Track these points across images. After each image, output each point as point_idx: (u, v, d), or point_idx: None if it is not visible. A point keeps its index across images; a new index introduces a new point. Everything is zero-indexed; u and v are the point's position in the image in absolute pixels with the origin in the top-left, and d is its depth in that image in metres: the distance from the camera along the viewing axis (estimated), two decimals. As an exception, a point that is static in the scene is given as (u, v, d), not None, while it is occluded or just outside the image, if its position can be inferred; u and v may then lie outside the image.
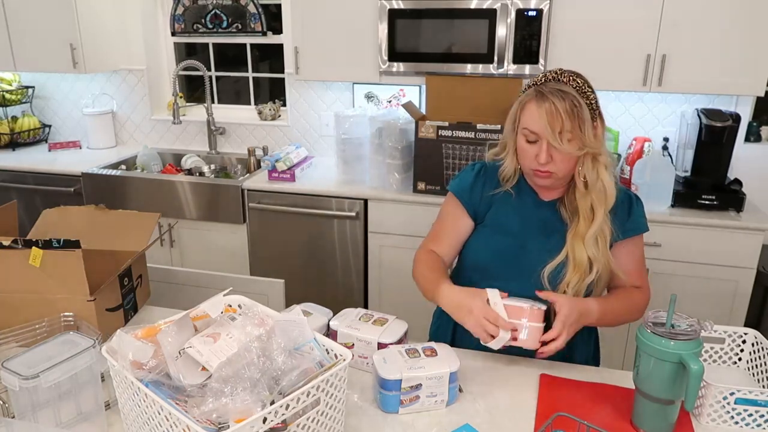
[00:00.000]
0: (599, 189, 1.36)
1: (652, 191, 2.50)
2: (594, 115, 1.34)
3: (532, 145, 1.35)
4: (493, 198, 1.48)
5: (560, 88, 1.31)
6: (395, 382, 1.20)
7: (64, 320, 1.35)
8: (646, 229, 1.47)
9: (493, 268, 1.46)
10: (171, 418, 0.92)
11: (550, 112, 1.29)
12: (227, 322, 1.09)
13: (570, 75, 1.35)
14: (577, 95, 1.31)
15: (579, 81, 1.35)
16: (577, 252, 1.37)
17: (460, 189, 1.52)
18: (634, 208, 1.45)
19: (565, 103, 1.29)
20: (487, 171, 1.51)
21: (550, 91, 1.31)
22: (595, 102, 1.36)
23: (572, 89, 1.32)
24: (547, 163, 1.33)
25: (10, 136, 3.52)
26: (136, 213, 1.69)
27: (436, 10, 2.60)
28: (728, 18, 2.37)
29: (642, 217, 1.47)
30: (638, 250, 1.49)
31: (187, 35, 3.49)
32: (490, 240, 1.48)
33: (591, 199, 1.37)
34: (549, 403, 1.25)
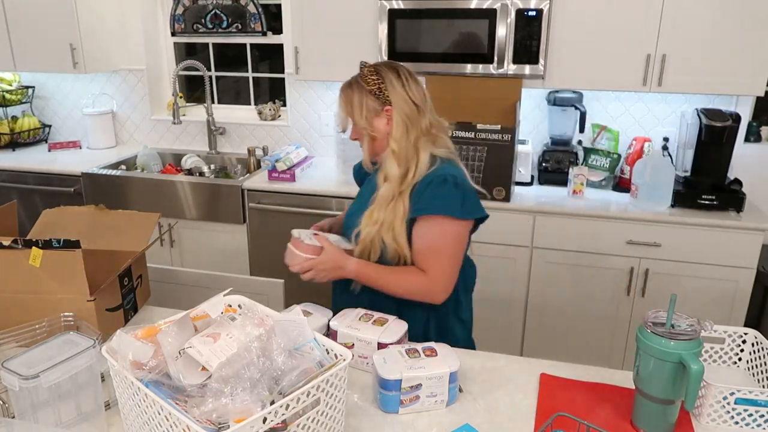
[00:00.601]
0: (385, 167, 1.53)
1: (652, 191, 2.50)
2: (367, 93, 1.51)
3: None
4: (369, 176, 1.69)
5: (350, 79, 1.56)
6: (395, 382, 1.20)
7: (64, 320, 1.35)
8: (435, 212, 1.47)
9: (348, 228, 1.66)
10: (171, 418, 0.92)
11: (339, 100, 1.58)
12: (227, 322, 1.09)
13: (366, 67, 1.54)
14: (354, 80, 1.54)
15: (365, 71, 1.54)
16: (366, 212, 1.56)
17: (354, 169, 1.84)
18: (429, 190, 1.47)
19: (344, 87, 1.56)
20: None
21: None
22: (377, 87, 1.51)
23: (357, 77, 1.54)
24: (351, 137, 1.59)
25: (10, 136, 3.52)
26: (136, 213, 1.69)
27: (436, 10, 2.60)
28: (728, 18, 2.37)
29: (433, 199, 1.46)
30: (429, 234, 1.49)
31: (187, 35, 3.49)
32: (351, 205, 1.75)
33: (384, 173, 1.53)
34: (549, 403, 1.26)
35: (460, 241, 1.52)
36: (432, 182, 1.47)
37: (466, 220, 1.51)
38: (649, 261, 2.49)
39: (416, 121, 1.51)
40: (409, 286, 1.51)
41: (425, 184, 1.48)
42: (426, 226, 1.48)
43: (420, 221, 1.49)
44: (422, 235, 1.49)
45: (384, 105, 1.51)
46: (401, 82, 1.51)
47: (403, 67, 1.55)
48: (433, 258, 1.49)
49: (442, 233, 1.48)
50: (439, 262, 1.50)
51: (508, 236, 2.59)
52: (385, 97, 1.50)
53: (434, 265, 1.49)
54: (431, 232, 1.49)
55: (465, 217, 1.49)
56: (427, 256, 1.50)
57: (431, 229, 1.48)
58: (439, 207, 1.46)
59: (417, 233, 1.49)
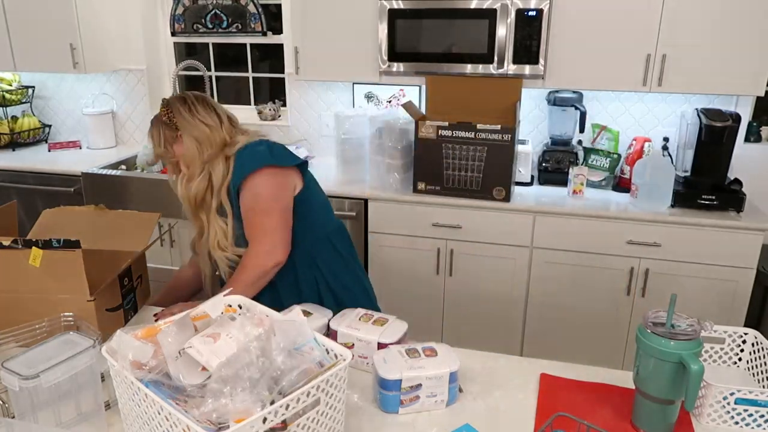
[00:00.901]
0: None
1: (652, 191, 2.50)
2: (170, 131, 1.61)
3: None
4: None
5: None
6: (395, 382, 1.20)
7: (64, 320, 1.35)
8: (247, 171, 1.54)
9: None
10: (171, 418, 0.92)
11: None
12: (227, 322, 1.09)
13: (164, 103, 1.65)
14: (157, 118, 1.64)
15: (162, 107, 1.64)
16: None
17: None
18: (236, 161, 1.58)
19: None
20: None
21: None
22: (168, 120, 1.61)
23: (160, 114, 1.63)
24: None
25: (10, 136, 3.52)
26: (136, 213, 1.69)
27: (436, 10, 2.60)
28: (728, 18, 2.37)
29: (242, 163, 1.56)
30: (245, 199, 1.57)
31: (187, 35, 3.49)
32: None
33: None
34: (549, 403, 1.26)
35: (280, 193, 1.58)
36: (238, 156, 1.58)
37: (281, 168, 1.58)
38: (649, 261, 2.49)
39: (209, 139, 1.59)
40: (248, 273, 1.54)
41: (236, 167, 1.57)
42: (244, 192, 1.56)
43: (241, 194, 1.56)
44: (243, 205, 1.57)
45: (176, 131, 1.61)
46: (188, 108, 1.61)
47: (191, 95, 1.65)
48: (253, 226, 1.58)
49: (256, 193, 1.56)
50: (260, 226, 1.57)
51: (507, 236, 2.59)
52: (174, 124, 1.61)
53: (257, 232, 1.57)
54: (246, 197, 1.56)
55: (277, 163, 1.57)
56: (248, 226, 1.58)
57: (246, 193, 1.56)
58: (249, 165, 1.55)
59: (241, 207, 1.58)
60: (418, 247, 2.71)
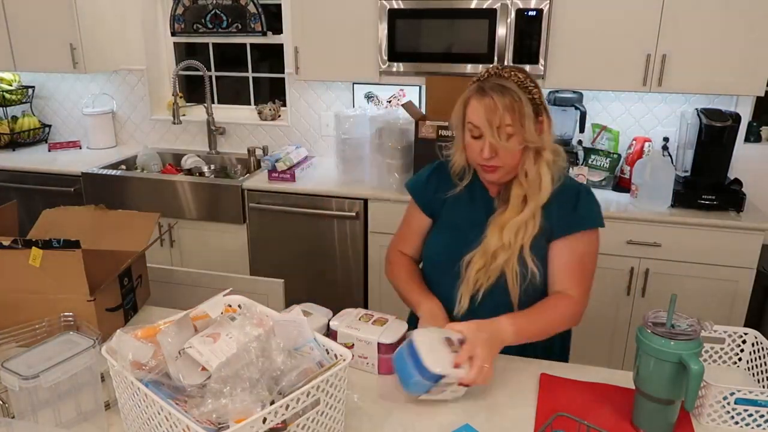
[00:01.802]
0: (534, 182, 1.36)
1: (652, 191, 2.50)
2: (538, 110, 1.34)
3: (477, 141, 1.35)
4: (446, 197, 1.49)
5: (501, 83, 1.31)
6: (436, 376, 1.18)
7: (64, 320, 1.35)
8: (593, 225, 1.40)
9: (440, 265, 1.49)
10: (171, 418, 0.92)
11: (489, 107, 1.30)
12: (227, 322, 1.09)
13: (512, 70, 1.34)
14: (519, 90, 1.30)
15: (521, 76, 1.33)
16: (491, 237, 1.37)
17: (414, 187, 1.57)
18: (579, 204, 1.40)
19: (504, 99, 1.29)
20: (444, 168, 1.53)
21: (491, 86, 1.31)
22: (539, 97, 1.35)
23: (513, 84, 1.31)
24: (492, 158, 1.33)
25: (10, 136, 3.52)
26: (136, 213, 1.69)
27: (436, 10, 2.60)
28: (728, 18, 2.37)
29: (587, 214, 1.40)
30: (580, 249, 1.39)
31: (187, 35, 3.49)
32: (440, 237, 1.51)
33: (524, 190, 1.37)
34: (549, 403, 1.25)
35: (597, 253, 1.44)
36: (577, 195, 1.40)
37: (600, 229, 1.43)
38: (649, 261, 2.49)
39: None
40: (562, 318, 1.37)
41: (565, 198, 1.38)
42: (576, 240, 1.38)
43: (566, 239, 1.38)
44: (570, 250, 1.38)
45: (539, 114, 1.34)
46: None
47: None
48: (579, 275, 1.39)
49: (589, 247, 1.40)
50: (584, 279, 1.40)
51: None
52: (541, 103, 1.35)
53: (579, 283, 1.39)
54: (581, 248, 1.39)
55: (603, 225, 1.42)
56: (575, 275, 1.39)
57: (582, 244, 1.39)
58: (590, 220, 1.40)
59: (562, 253, 1.39)
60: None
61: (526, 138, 1.31)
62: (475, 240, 1.41)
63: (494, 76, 1.34)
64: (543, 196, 1.36)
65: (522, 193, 1.37)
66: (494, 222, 1.40)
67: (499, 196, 1.44)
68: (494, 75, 1.34)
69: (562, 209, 1.39)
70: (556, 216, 1.38)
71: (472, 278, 1.39)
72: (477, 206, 1.47)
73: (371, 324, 1.40)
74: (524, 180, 1.36)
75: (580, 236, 1.39)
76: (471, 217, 1.46)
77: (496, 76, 1.33)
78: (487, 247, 1.37)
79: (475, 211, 1.46)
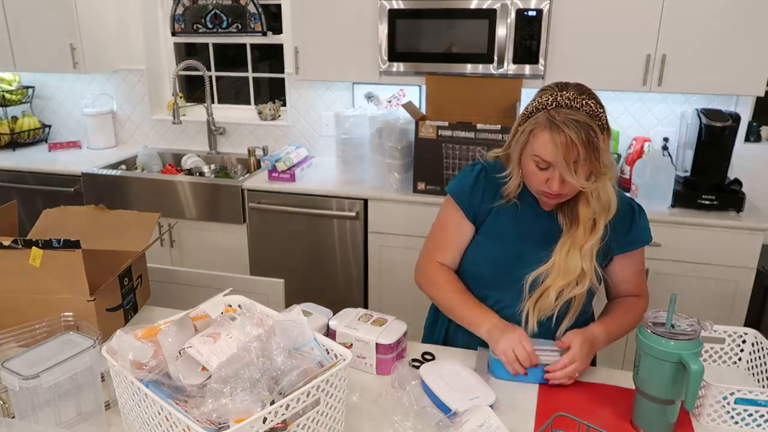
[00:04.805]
0: (604, 201, 1.32)
1: (652, 191, 2.50)
2: (604, 132, 1.28)
3: (542, 171, 1.29)
4: (492, 206, 1.44)
5: (574, 117, 1.23)
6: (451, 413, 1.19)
7: (64, 320, 1.35)
8: (650, 240, 1.46)
9: (487, 278, 1.44)
10: (171, 418, 0.92)
11: (565, 145, 1.22)
12: (227, 322, 1.09)
13: (582, 98, 1.26)
14: (592, 122, 1.24)
15: (591, 104, 1.26)
16: (570, 259, 1.34)
17: (459, 192, 1.47)
18: (636, 220, 1.43)
19: (581, 134, 1.21)
20: (487, 173, 1.46)
21: (564, 121, 1.22)
22: (605, 119, 1.29)
23: (586, 116, 1.24)
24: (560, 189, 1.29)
25: (10, 136, 3.52)
26: (136, 213, 1.69)
27: (436, 10, 2.60)
28: (728, 18, 2.37)
29: (645, 229, 1.45)
30: (640, 261, 1.49)
31: (187, 35, 3.49)
32: (486, 249, 1.45)
33: (594, 210, 1.34)
34: (549, 403, 1.26)
35: None
36: (632, 212, 1.43)
37: None
38: (649, 261, 2.47)
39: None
40: (638, 320, 1.41)
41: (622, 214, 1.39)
42: (637, 254, 1.46)
43: (628, 254, 1.44)
44: (634, 263, 1.47)
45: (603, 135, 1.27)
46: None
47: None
48: (642, 282, 1.51)
49: (643, 256, 1.49)
50: (645, 284, 1.52)
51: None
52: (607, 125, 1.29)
53: (645, 286, 1.52)
54: (640, 259, 1.48)
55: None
56: (641, 282, 1.50)
57: (641, 256, 1.48)
58: (648, 237, 1.45)
59: (627, 263, 1.46)
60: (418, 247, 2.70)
61: (600, 170, 1.26)
62: (532, 256, 1.38)
63: (564, 107, 1.25)
64: (611, 216, 1.35)
65: (592, 214, 1.34)
66: (569, 243, 1.36)
67: (564, 214, 1.40)
68: (564, 106, 1.25)
69: (621, 225, 1.40)
70: (615, 232, 1.39)
71: (551, 300, 1.35)
72: (528, 219, 1.42)
73: (370, 324, 1.40)
74: (594, 201, 1.33)
75: (639, 251, 1.47)
76: (522, 230, 1.42)
77: (567, 107, 1.25)
78: (568, 271, 1.34)
79: (527, 225, 1.42)
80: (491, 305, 1.41)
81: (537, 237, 1.40)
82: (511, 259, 1.41)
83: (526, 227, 1.42)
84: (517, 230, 1.42)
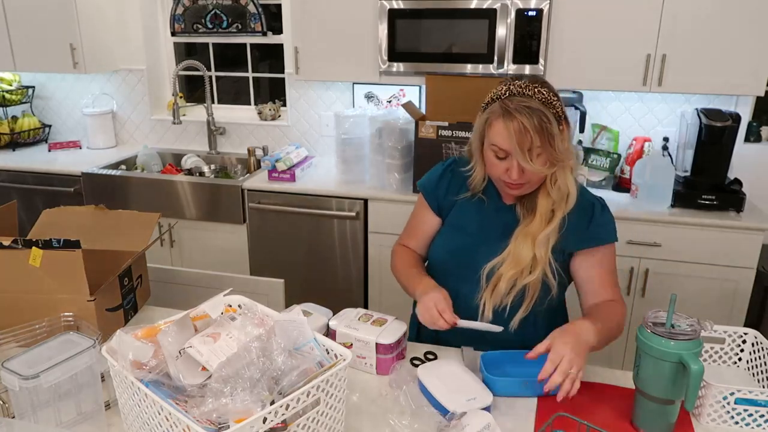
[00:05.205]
0: (562, 192, 1.34)
1: (652, 191, 2.50)
2: (560, 121, 1.30)
3: (501, 161, 1.32)
4: (457, 199, 1.48)
5: (527, 104, 1.25)
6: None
7: (64, 320, 1.35)
8: (612, 240, 1.41)
9: (448, 268, 1.48)
10: (171, 418, 0.92)
11: (518, 131, 1.25)
12: (227, 322, 1.09)
13: (534, 86, 1.29)
14: (545, 109, 1.26)
15: (544, 91, 1.29)
16: (522, 248, 1.35)
17: (426, 186, 1.54)
18: (597, 217, 1.40)
19: (533, 120, 1.24)
20: (456, 168, 1.50)
21: (517, 108, 1.25)
22: (561, 108, 1.31)
23: (538, 103, 1.26)
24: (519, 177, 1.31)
25: (10, 136, 3.52)
26: (136, 213, 1.69)
27: (436, 10, 2.60)
28: (728, 18, 2.37)
29: (606, 226, 1.40)
30: (606, 261, 1.42)
31: (187, 35, 3.49)
32: (448, 240, 1.49)
33: (552, 200, 1.35)
34: (549, 403, 1.25)
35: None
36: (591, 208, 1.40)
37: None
38: (649, 261, 2.49)
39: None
40: (620, 324, 1.37)
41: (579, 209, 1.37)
42: (601, 253, 1.40)
43: (589, 251, 1.40)
44: (599, 263, 1.40)
45: (560, 124, 1.30)
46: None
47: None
48: (614, 286, 1.42)
49: (613, 259, 1.43)
50: (616, 286, 1.43)
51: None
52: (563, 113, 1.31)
53: (616, 292, 1.42)
54: (607, 260, 1.41)
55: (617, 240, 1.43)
56: (611, 286, 1.42)
57: (607, 256, 1.41)
58: (608, 235, 1.40)
59: (590, 262, 1.40)
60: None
61: (556, 157, 1.28)
62: (491, 248, 1.40)
63: (517, 95, 1.28)
64: (569, 207, 1.35)
65: (550, 205, 1.35)
66: (524, 233, 1.37)
67: (523, 205, 1.41)
68: (517, 94, 1.28)
69: (580, 220, 1.38)
70: (573, 227, 1.37)
71: (502, 288, 1.36)
72: (489, 212, 1.46)
73: (370, 324, 1.40)
74: (554, 191, 1.34)
75: (604, 249, 1.41)
76: (482, 223, 1.45)
77: (520, 95, 1.28)
78: (519, 259, 1.35)
79: (487, 217, 1.45)
80: (453, 296, 1.39)
81: (496, 230, 1.43)
82: (471, 251, 1.44)
83: (486, 220, 1.45)
84: (478, 222, 1.46)
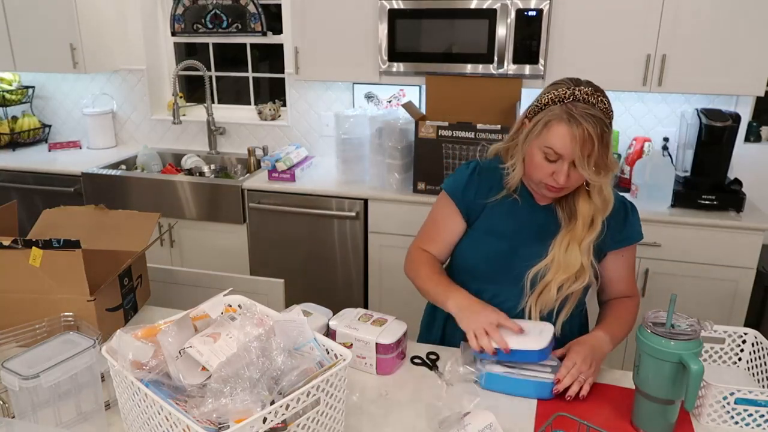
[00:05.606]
0: (602, 198, 1.35)
1: (652, 191, 2.50)
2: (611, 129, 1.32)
3: (550, 163, 1.30)
4: (487, 202, 1.46)
5: (591, 112, 1.25)
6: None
7: (64, 320, 1.35)
8: (641, 238, 1.47)
9: (483, 272, 1.45)
10: (171, 418, 0.92)
11: (582, 138, 1.24)
12: (227, 322, 1.09)
13: (597, 95, 1.29)
14: (605, 118, 1.27)
15: (605, 101, 1.30)
16: (570, 254, 1.36)
17: (453, 189, 1.49)
18: (630, 218, 1.45)
19: (597, 129, 1.24)
20: (482, 171, 1.48)
21: (582, 114, 1.25)
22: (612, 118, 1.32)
23: (601, 112, 1.27)
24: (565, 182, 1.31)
25: (10, 136, 3.52)
26: (136, 213, 1.69)
27: (436, 10, 2.60)
28: (728, 18, 2.37)
29: (637, 225, 1.46)
30: (632, 259, 1.49)
31: (187, 35, 3.49)
32: (481, 243, 1.46)
33: (593, 206, 1.36)
34: (549, 403, 1.26)
35: None
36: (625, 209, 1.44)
37: None
38: (649, 261, 2.49)
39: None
40: (635, 320, 1.45)
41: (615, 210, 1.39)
42: (629, 252, 1.47)
43: (620, 250, 1.45)
44: (626, 261, 1.48)
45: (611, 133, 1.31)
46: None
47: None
48: (633, 281, 1.52)
49: (634, 254, 1.50)
50: (635, 283, 1.54)
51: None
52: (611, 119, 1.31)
53: (634, 286, 1.52)
54: (632, 257, 1.49)
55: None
56: (632, 281, 1.51)
57: (632, 254, 1.49)
58: (639, 234, 1.46)
59: (620, 260, 1.47)
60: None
61: (608, 166, 1.29)
62: (529, 250, 1.40)
63: (582, 101, 1.27)
64: (607, 213, 1.37)
65: (592, 210, 1.36)
66: (568, 238, 1.37)
67: (562, 209, 1.42)
68: (582, 100, 1.27)
69: (615, 222, 1.41)
70: (609, 228, 1.39)
71: (551, 295, 1.37)
72: (523, 213, 1.44)
73: (370, 324, 1.40)
74: (596, 197, 1.35)
75: (631, 248, 1.48)
76: (517, 225, 1.44)
77: (584, 102, 1.27)
78: (568, 266, 1.36)
79: (522, 219, 1.44)
80: (488, 299, 1.40)
81: (532, 231, 1.42)
82: (507, 254, 1.42)
83: (521, 222, 1.44)
84: (513, 225, 1.44)
